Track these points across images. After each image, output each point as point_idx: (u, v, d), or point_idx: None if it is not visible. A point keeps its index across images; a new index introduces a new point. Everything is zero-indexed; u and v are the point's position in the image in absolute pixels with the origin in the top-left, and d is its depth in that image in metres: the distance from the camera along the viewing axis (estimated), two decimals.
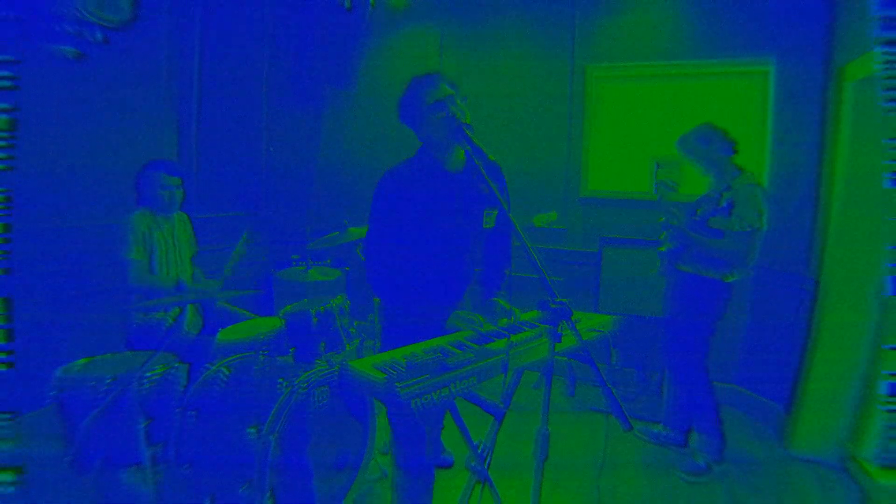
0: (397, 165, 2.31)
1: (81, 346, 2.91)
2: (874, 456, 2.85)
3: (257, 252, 4.97)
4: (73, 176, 3.55)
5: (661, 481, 3.11)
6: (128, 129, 3.88)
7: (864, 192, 3.10)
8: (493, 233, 2.50)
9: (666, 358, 3.36)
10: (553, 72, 4.64)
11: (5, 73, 2.12)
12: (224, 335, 2.86)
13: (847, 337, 3.22)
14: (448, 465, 3.19)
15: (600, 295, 4.21)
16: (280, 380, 2.47)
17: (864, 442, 3.11)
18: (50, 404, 2.38)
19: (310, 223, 5.20)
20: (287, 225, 5.18)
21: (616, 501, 2.95)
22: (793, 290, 3.66)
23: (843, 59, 3.36)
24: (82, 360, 2.54)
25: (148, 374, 2.42)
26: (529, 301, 2.06)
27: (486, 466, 2.28)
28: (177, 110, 4.32)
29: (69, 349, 2.80)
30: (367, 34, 5.11)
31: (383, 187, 2.27)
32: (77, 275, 3.44)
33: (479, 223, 2.37)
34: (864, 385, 3.17)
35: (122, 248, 2.95)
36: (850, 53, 3.24)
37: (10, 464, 2.13)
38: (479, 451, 2.29)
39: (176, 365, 2.56)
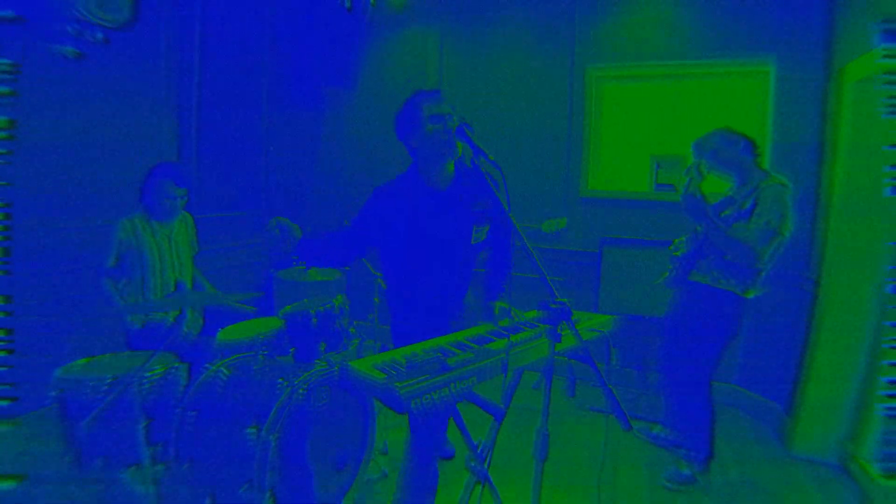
0: (386, 184, 2.39)
1: (81, 346, 2.91)
2: (874, 456, 2.85)
3: (257, 252, 4.98)
4: (73, 176, 3.55)
5: (661, 481, 3.11)
6: (128, 130, 3.88)
7: (863, 192, 3.10)
8: (494, 238, 2.54)
9: (667, 364, 3.18)
10: (553, 72, 4.64)
11: (5, 73, 2.11)
12: (224, 335, 2.86)
13: (847, 337, 3.22)
14: (449, 457, 3.20)
15: (600, 295, 4.21)
16: (280, 380, 2.47)
17: (864, 442, 3.12)
18: (50, 404, 2.38)
19: (310, 223, 5.20)
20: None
21: (616, 501, 2.95)
22: (793, 290, 3.66)
23: (843, 59, 3.36)
24: (82, 360, 2.54)
25: (148, 374, 2.42)
26: (529, 301, 2.06)
27: (486, 466, 2.28)
28: (177, 110, 4.31)
29: (69, 349, 2.80)
30: (367, 34, 5.11)
31: (370, 205, 2.36)
32: (77, 275, 3.44)
33: (467, 239, 2.39)
34: (864, 385, 3.17)
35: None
36: (850, 53, 3.24)
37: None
38: (479, 451, 2.29)
39: (176, 365, 2.56)
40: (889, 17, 2.12)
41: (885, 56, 2.15)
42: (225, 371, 2.55)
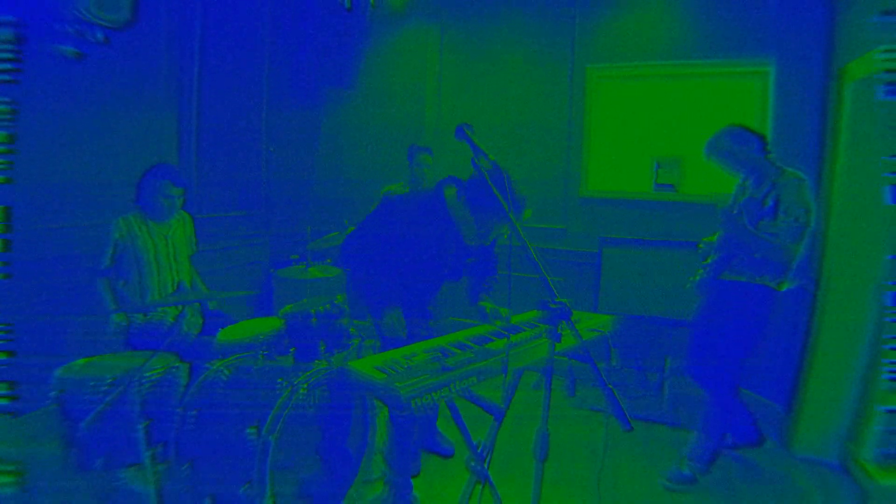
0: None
1: (81, 346, 2.91)
2: (874, 456, 2.85)
3: (258, 252, 4.98)
4: (73, 176, 3.55)
5: (661, 481, 3.11)
6: (128, 130, 3.88)
7: (863, 191, 3.10)
8: (484, 250, 2.63)
9: (699, 368, 3.06)
10: (553, 72, 4.64)
11: (6, 73, 2.11)
12: (224, 335, 2.85)
13: (847, 337, 3.22)
14: (448, 455, 3.21)
15: (600, 295, 4.21)
16: (280, 380, 2.47)
17: (864, 442, 3.11)
18: (50, 404, 2.38)
19: (310, 223, 5.21)
20: (287, 225, 5.18)
21: (616, 501, 2.95)
22: (793, 290, 3.66)
23: (843, 59, 3.36)
24: (82, 360, 2.54)
25: (148, 374, 2.42)
26: (529, 301, 2.06)
27: (486, 466, 2.28)
28: (177, 110, 4.31)
29: (69, 349, 2.80)
30: (367, 34, 5.11)
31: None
32: (77, 275, 3.44)
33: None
34: (864, 385, 3.17)
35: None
36: (850, 53, 3.24)
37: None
38: (479, 451, 2.29)
39: (176, 365, 2.56)
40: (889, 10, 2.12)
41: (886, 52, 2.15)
42: (225, 371, 2.55)
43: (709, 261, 3.02)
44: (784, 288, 2.87)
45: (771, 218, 2.74)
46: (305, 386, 2.43)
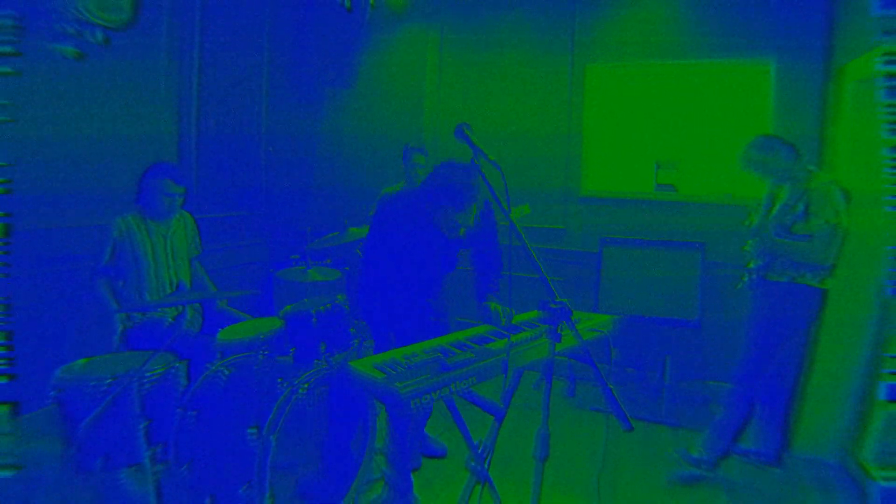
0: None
1: (81, 346, 2.90)
2: (874, 456, 2.85)
3: (258, 252, 4.99)
4: (73, 176, 3.55)
5: (660, 481, 3.11)
6: (128, 130, 3.88)
7: (863, 191, 3.10)
8: (482, 240, 2.60)
9: (757, 372, 3.08)
10: (553, 71, 4.64)
11: (5, 73, 2.11)
12: (224, 335, 2.85)
13: (847, 337, 3.22)
14: (441, 456, 3.21)
15: (600, 295, 4.21)
16: (280, 380, 2.47)
17: (864, 442, 3.11)
18: (50, 404, 2.38)
19: (310, 223, 5.21)
20: (287, 225, 5.18)
21: (616, 501, 2.95)
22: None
23: (843, 59, 3.36)
24: (82, 360, 2.54)
25: (148, 373, 2.42)
26: (529, 301, 2.07)
27: (486, 466, 2.28)
28: (177, 110, 4.32)
29: (69, 349, 2.80)
30: (367, 34, 5.11)
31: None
32: (77, 275, 3.44)
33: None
34: (865, 385, 3.17)
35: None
36: (850, 53, 3.24)
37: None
38: (479, 451, 2.29)
39: (176, 364, 2.56)
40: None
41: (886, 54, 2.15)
42: (225, 371, 2.55)
43: (751, 265, 3.10)
44: (828, 285, 2.96)
45: (803, 221, 2.87)
46: (306, 386, 2.44)
